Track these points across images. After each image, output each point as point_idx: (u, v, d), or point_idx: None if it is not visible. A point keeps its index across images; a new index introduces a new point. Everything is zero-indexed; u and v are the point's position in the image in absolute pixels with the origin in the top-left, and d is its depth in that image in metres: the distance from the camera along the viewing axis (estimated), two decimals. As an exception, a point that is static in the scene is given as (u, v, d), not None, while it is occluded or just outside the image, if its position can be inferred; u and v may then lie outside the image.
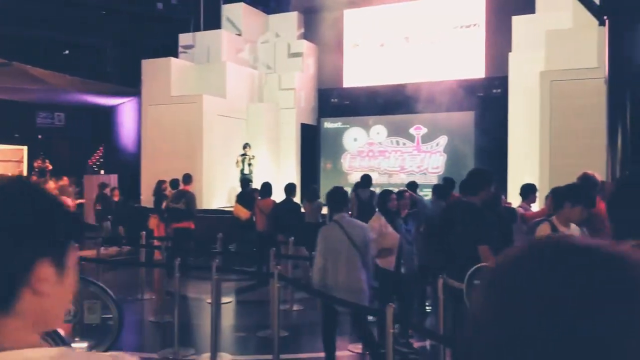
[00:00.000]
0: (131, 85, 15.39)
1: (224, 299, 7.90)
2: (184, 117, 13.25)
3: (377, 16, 15.32)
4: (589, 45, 9.72)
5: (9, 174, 13.71)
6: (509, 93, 12.23)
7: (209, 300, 6.39)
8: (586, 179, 4.54)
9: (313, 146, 15.50)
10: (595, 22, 5.60)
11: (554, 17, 11.53)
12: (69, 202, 11.09)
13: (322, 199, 12.11)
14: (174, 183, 10.20)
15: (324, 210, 10.45)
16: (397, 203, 6.04)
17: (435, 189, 7.80)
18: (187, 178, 9.82)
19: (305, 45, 15.56)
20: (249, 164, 13.64)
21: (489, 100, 13.46)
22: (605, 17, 4.75)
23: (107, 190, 13.47)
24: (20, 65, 13.04)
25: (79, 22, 19.04)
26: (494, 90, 13.38)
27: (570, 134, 9.50)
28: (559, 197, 4.19)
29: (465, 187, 5.00)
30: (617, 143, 4.64)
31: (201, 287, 8.22)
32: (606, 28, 4.76)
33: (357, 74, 15.56)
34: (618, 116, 4.62)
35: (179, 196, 9.57)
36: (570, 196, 3.95)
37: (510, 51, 12.32)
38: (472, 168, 12.36)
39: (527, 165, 11.26)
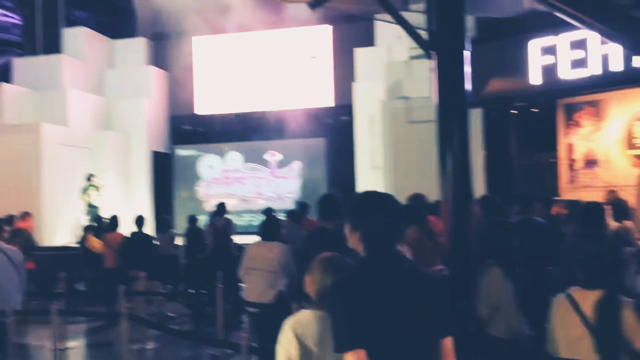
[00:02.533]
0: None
1: (70, 344, 7.28)
2: (20, 148, 12.17)
3: (227, 44, 15.40)
4: (422, 76, 10.61)
5: None
6: (355, 120, 12.90)
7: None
8: (417, 199, 4.89)
9: (166, 174, 15.05)
10: (427, 55, 6.13)
11: (392, 50, 12.43)
12: None
13: (177, 228, 11.78)
14: (9, 220, 9.30)
15: (179, 241, 10.16)
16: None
17: (290, 214, 7.94)
18: (23, 215, 9.02)
19: (153, 72, 15.15)
20: (98, 195, 12.86)
21: (337, 127, 14.08)
22: (432, 52, 5.21)
23: None
24: None
25: None
26: (342, 118, 14.04)
27: (410, 158, 10.24)
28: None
29: (320, 213, 5.09)
30: (447, 166, 5.05)
31: (44, 332, 7.52)
32: (433, 62, 5.22)
33: (209, 101, 15.46)
34: (446, 142, 5.05)
35: (13, 235, 8.72)
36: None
37: (354, 81, 13.03)
38: (324, 192, 12.67)
39: (374, 186, 11.90)
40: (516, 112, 11.53)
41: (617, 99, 10.94)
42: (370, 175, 12.46)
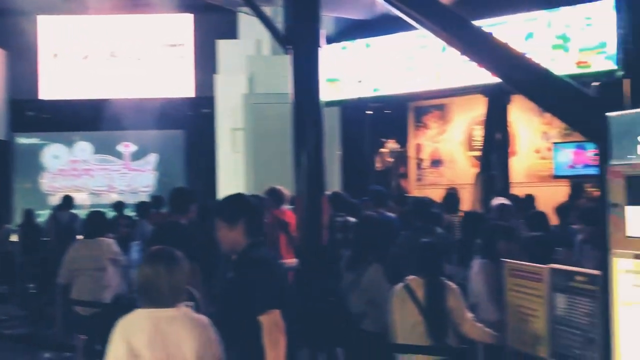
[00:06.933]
0: None
1: None
2: None
3: (79, 26, 14.33)
4: (284, 71, 10.70)
5: None
6: (217, 113, 12.65)
7: None
8: (272, 193, 4.88)
9: (5, 164, 13.68)
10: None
11: (255, 43, 12.39)
12: None
13: (15, 223, 10.75)
14: None
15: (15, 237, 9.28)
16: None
17: (137, 208, 7.60)
18: None
19: (-9, 50, 13.68)
20: None
21: (198, 119, 13.73)
22: (289, 46, 5.23)
23: None
24: None
25: None
26: (203, 110, 13.69)
27: (270, 153, 10.27)
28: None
29: (172, 207, 5.00)
30: (302, 163, 5.09)
31: None
32: (290, 57, 5.25)
33: (57, 86, 14.28)
34: (301, 139, 5.09)
35: None
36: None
37: (216, 73, 12.78)
38: (179, 186, 12.30)
39: (234, 182, 11.77)
40: (371, 112, 12.03)
41: (459, 104, 11.87)
42: (232, 170, 12.29)
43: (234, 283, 2.74)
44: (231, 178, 12.15)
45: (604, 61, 7.93)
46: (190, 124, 13.78)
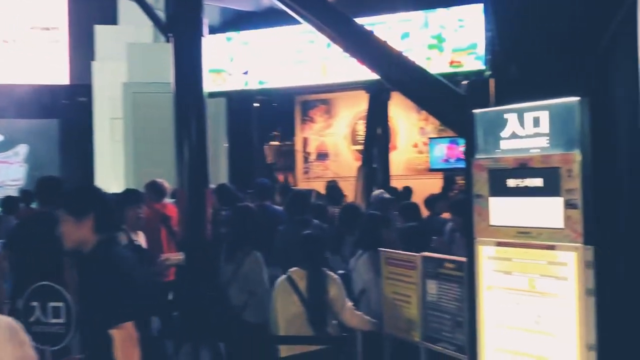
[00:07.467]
0: None
1: None
2: None
3: None
4: (166, 60, 10.32)
5: None
6: (94, 102, 11.98)
7: None
8: (152, 187, 4.71)
9: None
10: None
11: (135, 30, 11.84)
12: None
13: None
14: None
15: None
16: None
17: (2, 203, 7.06)
18: None
19: None
20: None
21: (74, 108, 12.91)
22: (170, 34, 5.07)
23: None
24: None
25: None
26: (79, 98, 12.89)
27: (152, 144, 9.88)
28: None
29: (39, 197, 4.69)
30: (184, 154, 4.95)
31: None
32: (171, 45, 5.08)
33: None
34: (184, 130, 4.96)
35: None
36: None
37: (94, 60, 12.09)
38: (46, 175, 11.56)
39: (113, 173, 11.23)
40: (258, 105, 11.99)
41: (344, 99, 12.17)
42: (110, 162, 11.71)
43: (82, 289, 2.52)
44: (110, 170, 11.58)
45: (474, 61, 8.50)
46: (65, 113, 12.95)
